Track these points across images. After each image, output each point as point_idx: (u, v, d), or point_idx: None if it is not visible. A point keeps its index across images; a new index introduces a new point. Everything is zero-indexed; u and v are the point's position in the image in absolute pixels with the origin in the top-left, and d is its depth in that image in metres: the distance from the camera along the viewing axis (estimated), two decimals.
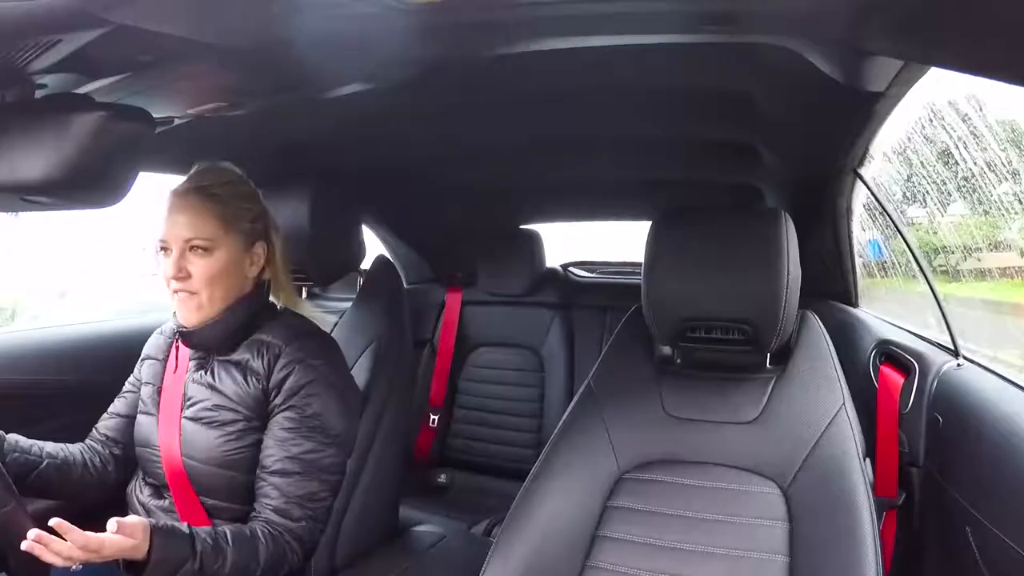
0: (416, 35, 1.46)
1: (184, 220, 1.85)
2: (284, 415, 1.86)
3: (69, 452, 1.99)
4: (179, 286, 1.86)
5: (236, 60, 1.48)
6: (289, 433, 1.85)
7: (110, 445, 2.06)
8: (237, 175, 1.97)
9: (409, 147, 2.75)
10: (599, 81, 2.07)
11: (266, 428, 1.88)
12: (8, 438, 1.87)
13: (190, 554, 1.65)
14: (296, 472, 1.83)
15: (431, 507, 3.29)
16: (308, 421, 1.86)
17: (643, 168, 3.17)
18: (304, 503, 1.83)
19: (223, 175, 1.94)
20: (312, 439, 1.85)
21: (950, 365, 2.02)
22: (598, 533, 1.78)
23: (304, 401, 1.86)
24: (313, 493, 1.84)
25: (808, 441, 1.70)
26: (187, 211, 1.86)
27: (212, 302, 1.88)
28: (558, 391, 3.51)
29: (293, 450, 1.83)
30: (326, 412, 1.88)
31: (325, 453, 1.87)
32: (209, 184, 1.90)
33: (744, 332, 1.79)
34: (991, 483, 1.61)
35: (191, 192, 1.88)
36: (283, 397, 1.87)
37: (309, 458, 1.84)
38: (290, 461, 1.83)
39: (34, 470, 1.89)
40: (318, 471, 1.85)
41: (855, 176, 2.31)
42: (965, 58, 1.21)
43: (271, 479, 1.83)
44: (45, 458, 1.92)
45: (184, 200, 1.87)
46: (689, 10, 1.42)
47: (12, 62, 1.22)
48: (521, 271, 3.62)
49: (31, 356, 2.38)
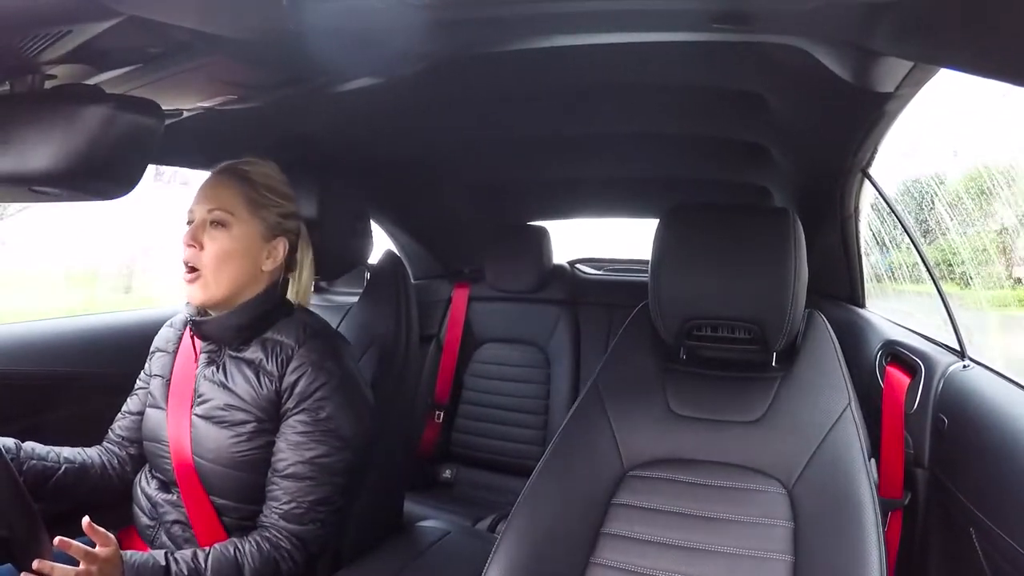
0: (425, 30, 1.46)
1: (211, 192, 1.89)
2: (297, 418, 1.85)
3: (86, 456, 2.00)
4: (189, 255, 1.87)
5: (245, 53, 1.48)
6: (302, 437, 1.84)
7: (126, 446, 2.07)
8: (279, 173, 1.99)
9: (417, 142, 2.75)
10: (608, 78, 2.07)
11: (278, 430, 1.87)
12: (24, 446, 1.88)
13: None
14: (308, 477, 1.82)
15: (436, 502, 3.30)
16: (321, 425, 1.85)
17: (651, 166, 3.17)
18: (315, 508, 1.82)
19: (264, 167, 1.96)
20: (325, 443, 1.84)
21: (956, 366, 2.01)
22: (602, 530, 1.79)
23: (317, 405, 1.85)
24: (324, 498, 1.84)
25: (813, 441, 1.70)
26: (217, 186, 1.90)
27: (218, 283, 1.87)
28: (564, 388, 3.51)
29: (306, 455, 1.83)
30: (338, 415, 1.87)
31: (337, 457, 1.86)
32: (247, 169, 1.93)
33: (751, 331, 1.79)
34: (996, 485, 1.61)
35: (227, 170, 1.93)
36: (295, 400, 1.86)
37: (321, 462, 1.83)
38: (302, 465, 1.82)
39: (52, 476, 1.90)
40: (330, 475, 1.85)
41: (863, 176, 2.30)
42: (974, 60, 1.20)
43: (282, 483, 1.82)
44: (63, 463, 1.93)
45: (217, 176, 1.92)
46: (699, 9, 1.42)
47: (22, 53, 1.22)
48: (528, 267, 3.61)
49: (42, 345, 2.39)
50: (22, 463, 1.85)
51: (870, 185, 2.34)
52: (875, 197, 2.45)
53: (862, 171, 2.28)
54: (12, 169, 1.23)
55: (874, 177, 2.29)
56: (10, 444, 1.85)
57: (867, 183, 2.34)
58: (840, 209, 2.49)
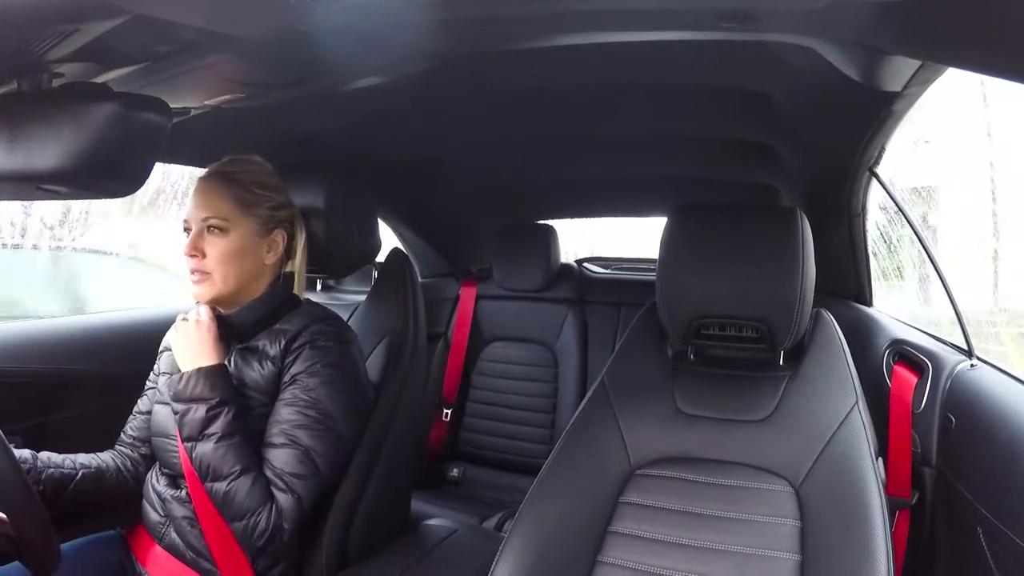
0: (433, 28, 1.47)
1: (203, 201, 1.91)
2: (288, 391, 1.88)
3: (101, 460, 2.02)
4: (194, 264, 1.90)
5: (253, 51, 1.48)
6: (286, 407, 1.87)
7: (138, 446, 2.09)
8: (264, 167, 2.01)
9: (425, 140, 2.75)
10: (615, 77, 2.07)
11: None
12: (40, 456, 1.89)
13: (217, 403, 1.81)
14: (284, 444, 1.84)
15: (443, 501, 3.31)
16: (304, 397, 1.87)
17: (659, 164, 3.16)
18: (285, 475, 1.82)
19: (248, 164, 1.98)
20: (306, 415, 1.86)
21: (964, 365, 2.01)
22: (609, 529, 1.78)
23: (307, 380, 1.88)
24: (295, 468, 1.83)
25: (820, 440, 1.69)
26: (207, 192, 1.91)
27: (225, 282, 1.90)
28: (571, 386, 3.51)
29: (284, 424, 1.85)
30: (325, 391, 1.89)
31: (316, 431, 1.86)
32: (232, 170, 1.95)
33: (758, 330, 1.79)
34: (1004, 484, 1.61)
35: (213, 175, 1.94)
36: (290, 376, 1.89)
37: (297, 433, 1.84)
38: (280, 434, 1.85)
39: (70, 483, 1.91)
40: (306, 447, 1.85)
41: (871, 175, 2.30)
42: (982, 59, 1.20)
43: (265, 451, 1.84)
44: (79, 470, 1.94)
45: (206, 183, 1.93)
46: (707, 7, 1.41)
47: (30, 51, 1.22)
48: (536, 266, 3.61)
49: (50, 344, 2.39)
50: (40, 472, 1.86)
51: (877, 184, 2.33)
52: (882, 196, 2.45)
53: (869, 170, 2.27)
54: (20, 167, 1.24)
55: (881, 176, 2.29)
56: (26, 455, 1.86)
57: (874, 182, 2.33)
58: (847, 208, 2.48)
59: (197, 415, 1.78)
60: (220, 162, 1.97)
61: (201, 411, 1.78)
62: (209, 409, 1.78)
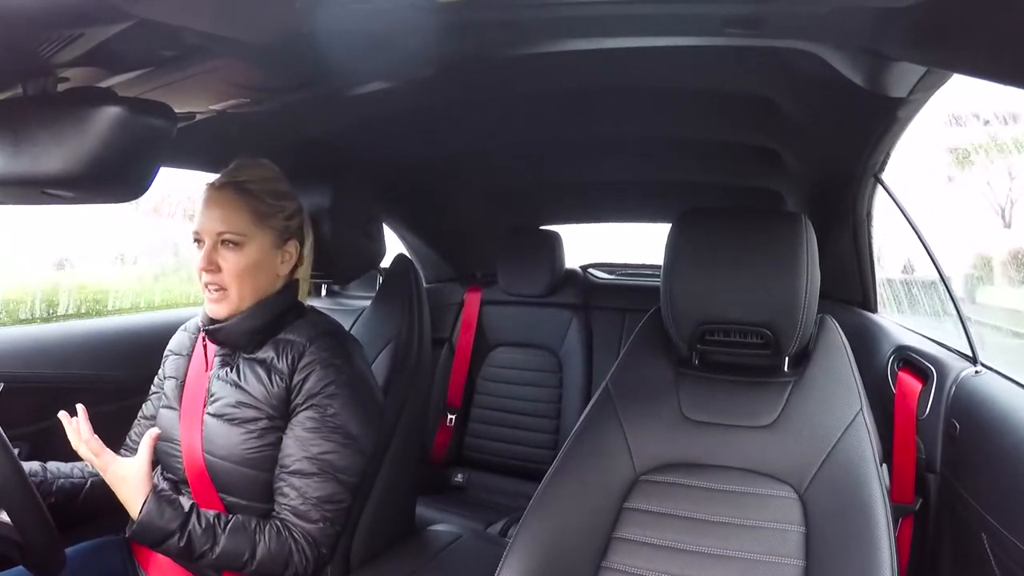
0: (439, 33, 1.47)
1: (217, 213, 1.86)
2: (305, 414, 1.86)
3: None
4: (209, 279, 1.87)
5: (258, 56, 1.48)
6: (309, 433, 1.84)
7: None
8: (275, 172, 1.97)
9: (430, 145, 2.75)
10: (621, 82, 2.07)
11: (287, 427, 1.88)
12: (49, 467, 1.90)
13: (177, 529, 1.69)
14: (314, 473, 1.82)
15: (447, 506, 3.31)
16: (328, 421, 1.85)
17: (663, 170, 3.16)
18: (321, 505, 1.82)
19: (260, 171, 1.94)
20: (331, 440, 1.85)
21: (968, 372, 2.01)
22: (614, 535, 1.78)
23: (325, 401, 1.86)
24: (331, 495, 1.84)
25: (825, 446, 1.69)
26: (221, 205, 1.87)
27: (242, 297, 1.88)
28: (576, 392, 3.51)
29: (312, 450, 1.83)
30: (346, 413, 1.87)
31: (344, 454, 1.86)
32: (245, 179, 1.90)
33: (763, 336, 1.79)
34: (1008, 490, 1.61)
35: (226, 186, 1.89)
36: (304, 396, 1.86)
37: (327, 459, 1.84)
38: (309, 461, 1.83)
39: (80, 491, 1.92)
40: (336, 472, 1.85)
41: (875, 181, 2.30)
42: (987, 66, 1.20)
43: (290, 479, 1.83)
44: (88, 477, 1.95)
45: (219, 194, 1.88)
46: (712, 13, 1.41)
47: (35, 55, 1.22)
48: (541, 271, 3.61)
49: (54, 349, 2.39)
50: (51, 484, 1.87)
51: (882, 190, 2.33)
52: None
53: (874, 176, 2.27)
54: (25, 171, 1.24)
55: (886, 182, 2.29)
56: (36, 467, 1.87)
57: (879, 188, 2.33)
58: (852, 214, 2.48)
59: (180, 547, 1.71)
60: (230, 168, 1.93)
61: (177, 545, 1.71)
62: (180, 539, 1.70)
